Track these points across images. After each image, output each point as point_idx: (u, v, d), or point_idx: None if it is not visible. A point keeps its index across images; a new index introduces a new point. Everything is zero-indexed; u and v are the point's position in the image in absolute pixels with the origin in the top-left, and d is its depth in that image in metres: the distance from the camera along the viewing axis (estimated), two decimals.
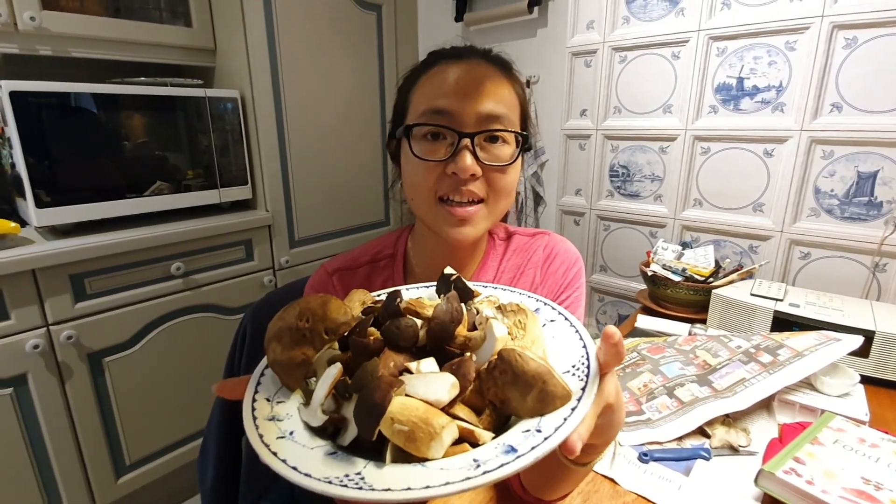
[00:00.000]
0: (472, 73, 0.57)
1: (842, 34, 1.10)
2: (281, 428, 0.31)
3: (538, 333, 0.38)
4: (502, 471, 0.27)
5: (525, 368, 0.31)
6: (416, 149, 0.56)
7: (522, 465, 0.27)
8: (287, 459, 0.28)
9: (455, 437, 0.30)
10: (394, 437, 0.29)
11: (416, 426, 0.28)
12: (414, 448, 0.28)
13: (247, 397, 0.34)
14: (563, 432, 0.29)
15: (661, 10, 1.34)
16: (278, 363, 0.35)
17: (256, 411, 0.33)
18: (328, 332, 0.36)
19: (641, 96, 1.43)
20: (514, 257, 0.68)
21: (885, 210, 1.12)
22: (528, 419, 0.31)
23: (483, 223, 0.59)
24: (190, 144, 1.41)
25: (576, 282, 0.65)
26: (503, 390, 0.32)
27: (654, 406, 0.78)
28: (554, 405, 0.31)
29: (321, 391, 0.32)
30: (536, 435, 0.29)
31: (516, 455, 0.28)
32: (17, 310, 1.08)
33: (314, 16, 1.55)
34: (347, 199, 1.77)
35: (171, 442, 1.42)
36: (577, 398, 0.32)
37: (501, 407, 0.33)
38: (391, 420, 0.29)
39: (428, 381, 0.31)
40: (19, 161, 1.11)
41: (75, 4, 1.28)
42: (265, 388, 0.35)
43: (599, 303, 1.66)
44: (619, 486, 0.64)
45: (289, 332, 0.35)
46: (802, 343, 0.83)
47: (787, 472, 0.60)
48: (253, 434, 0.31)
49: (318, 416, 0.32)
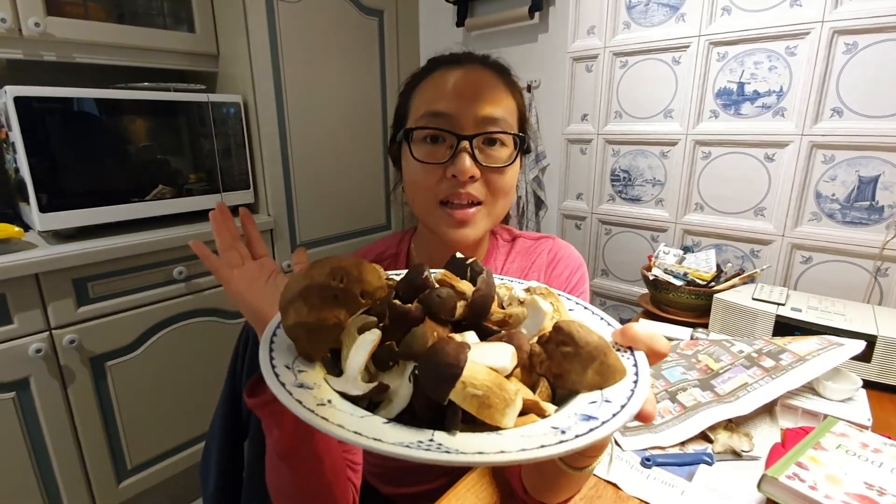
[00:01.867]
0: (470, 77, 0.58)
1: (842, 39, 1.11)
2: (317, 396, 0.27)
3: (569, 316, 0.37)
4: (591, 436, 0.25)
5: (588, 340, 0.30)
6: (416, 152, 0.57)
7: (608, 431, 0.26)
8: (344, 425, 0.25)
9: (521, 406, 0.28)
10: (465, 403, 0.26)
11: (491, 391, 0.26)
12: (487, 415, 0.26)
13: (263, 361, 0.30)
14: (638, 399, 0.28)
15: (662, 16, 1.35)
16: (304, 325, 0.31)
17: (281, 377, 0.28)
18: (364, 294, 0.32)
19: (642, 101, 1.43)
20: (517, 260, 0.69)
21: (886, 214, 1.12)
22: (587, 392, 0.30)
23: (482, 224, 0.60)
24: (192, 149, 1.41)
25: (580, 286, 0.66)
26: (560, 364, 0.30)
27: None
28: (614, 379, 0.30)
29: (359, 358, 0.29)
30: (607, 405, 0.28)
31: (600, 422, 0.26)
32: (20, 314, 1.09)
33: (316, 21, 1.55)
34: (349, 203, 1.78)
35: (173, 446, 1.42)
36: (634, 373, 0.31)
37: (556, 381, 0.31)
38: (463, 385, 0.26)
39: (486, 351, 0.29)
40: (23, 166, 1.12)
41: (79, 10, 1.29)
42: (280, 355, 0.31)
43: (601, 307, 1.66)
44: (622, 492, 0.63)
45: (318, 292, 0.31)
46: (805, 348, 0.83)
47: (791, 477, 0.59)
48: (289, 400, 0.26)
49: (359, 385, 0.28)
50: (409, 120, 0.61)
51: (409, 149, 0.58)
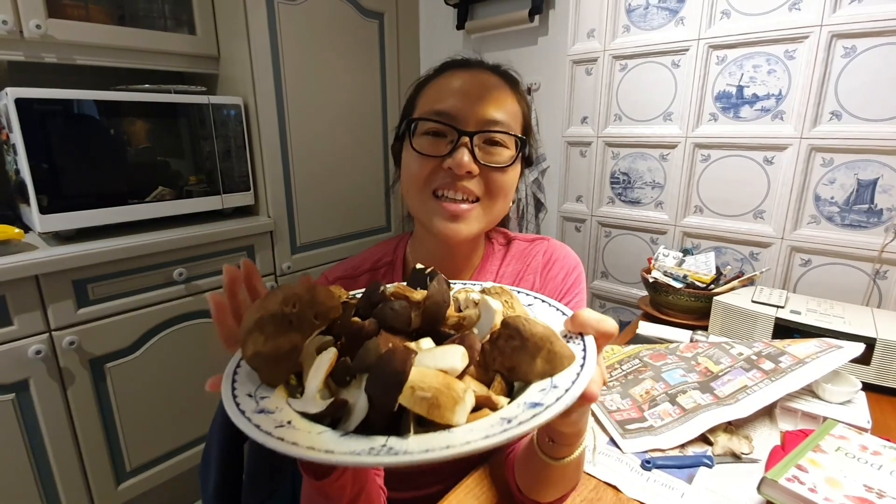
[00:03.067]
0: (478, 80, 0.59)
1: (840, 43, 1.11)
2: (276, 419, 0.29)
3: (524, 311, 0.39)
4: (535, 420, 0.27)
5: (533, 331, 0.32)
6: (416, 143, 0.58)
7: (552, 414, 0.27)
8: (298, 442, 0.26)
9: (474, 403, 0.29)
10: (416, 406, 0.27)
11: (439, 391, 0.27)
12: (438, 415, 0.27)
13: (225, 394, 0.31)
14: (582, 381, 0.30)
15: (661, 19, 1.36)
16: (261, 355, 0.32)
17: (241, 405, 0.30)
18: (318, 316, 0.33)
19: (642, 104, 1.44)
20: (513, 262, 0.69)
21: (885, 217, 1.13)
22: (538, 381, 0.31)
23: (476, 223, 0.60)
24: (192, 151, 1.42)
25: (575, 287, 0.66)
26: (510, 357, 0.32)
27: (656, 413, 0.78)
28: (562, 365, 0.32)
29: (317, 378, 0.31)
30: (555, 390, 0.30)
31: (544, 407, 0.28)
32: (20, 315, 1.09)
33: (317, 23, 1.56)
34: (349, 206, 1.78)
35: (173, 448, 1.42)
36: (581, 357, 0.33)
37: (509, 375, 0.32)
38: (411, 389, 0.27)
39: (435, 354, 0.31)
40: (24, 167, 1.12)
41: (80, 12, 1.30)
42: (243, 385, 0.32)
43: (601, 309, 1.66)
44: (622, 494, 0.64)
45: (272, 321, 0.32)
46: (804, 350, 0.83)
47: (790, 479, 0.60)
48: (247, 426, 0.28)
49: (317, 403, 0.29)
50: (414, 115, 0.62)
51: (409, 140, 0.58)
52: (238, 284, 0.37)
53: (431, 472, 0.71)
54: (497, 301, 0.36)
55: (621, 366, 0.93)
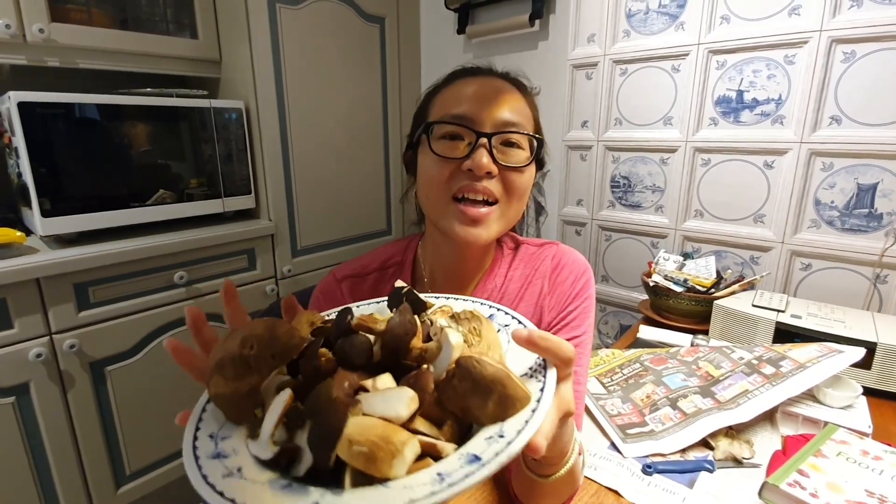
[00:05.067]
0: (491, 85, 0.60)
1: (840, 48, 1.12)
2: (227, 466, 0.29)
3: (493, 338, 0.38)
4: (467, 482, 0.26)
5: (483, 374, 0.30)
6: (434, 146, 0.58)
7: (487, 473, 0.26)
8: (236, 498, 0.26)
9: (417, 452, 0.28)
10: (352, 461, 0.27)
11: (376, 445, 0.27)
12: (375, 469, 0.27)
13: (186, 437, 0.32)
14: (525, 435, 0.29)
15: (662, 24, 1.36)
16: (222, 397, 0.33)
17: (199, 450, 0.30)
18: (276, 356, 0.33)
19: (642, 108, 1.44)
20: (521, 267, 0.69)
21: (885, 222, 1.13)
22: (490, 426, 0.30)
23: (495, 226, 0.60)
24: (194, 154, 1.42)
25: (584, 292, 0.65)
26: (463, 398, 0.31)
27: (657, 418, 0.78)
28: (515, 409, 0.31)
29: (270, 421, 0.30)
30: (500, 441, 0.29)
31: (480, 464, 0.27)
32: (21, 318, 1.09)
33: (318, 28, 1.57)
34: (350, 209, 1.78)
35: (173, 452, 1.42)
36: (536, 399, 0.31)
37: (463, 416, 0.32)
38: (349, 443, 0.27)
39: (386, 398, 0.30)
40: (26, 170, 1.12)
41: (83, 17, 1.30)
42: (207, 425, 0.33)
43: (601, 313, 1.66)
44: (623, 499, 0.64)
45: (231, 362, 0.32)
46: (805, 355, 0.83)
47: (792, 484, 0.60)
48: (195, 475, 0.28)
49: (269, 449, 0.29)
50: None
51: (427, 143, 0.59)
52: (201, 322, 0.39)
53: None
54: (457, 333, 0.35)
55: (622, 370, 0.93)
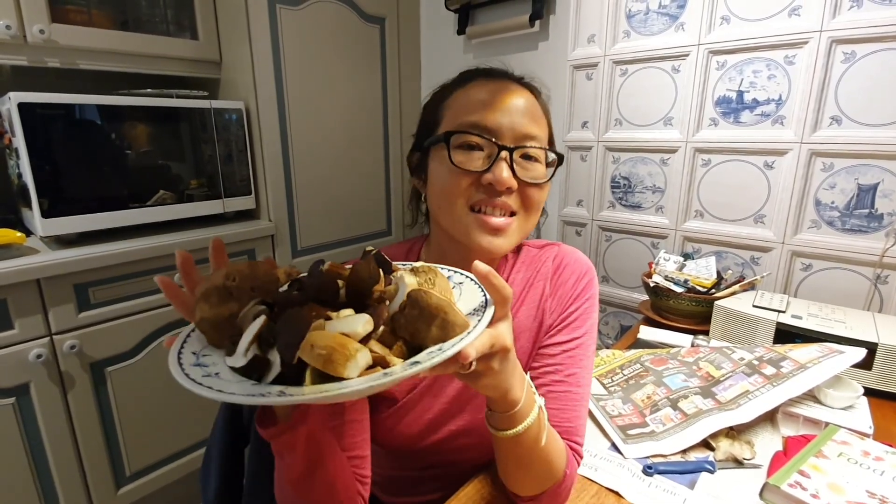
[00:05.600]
0: (510, 93, 0.59)
1: (840, 49, 1.12)
2: (206, 371, 0.34)
3: (446, 286, 0.42)
4: (405, 373, 0.31)
5: (429, 301, 0.36)
6: (453, 156, 0.57)
7: (422, 367, 0.31)
8: (212, 387, 0.30)
9: (369, 361, 0.33)
10: (313, 361, 0.31)
11: (334, 349, 0.31)
12: (332, 369, 0.31)
13: (172, 352, 0.36)
14: (458, 346, 0.34)
15: (662, 25, 1.36)
16: (206, 320, 0.37)
17: (182, 360, 0.35)
18: (255, 289, 0.38)
19: (642, 109, 1.44)
20: (523, 269, 0.68)
21: (885, 222, 1.13)
22: (432, 346, 0.36)
23: (514, 236, 0.60)
24: (194, 154, 1.42)
25: (586, 292, 0.65)
26: (412, 324, 0.36)
27: (657, 418, 0.78)
28: (454, 332, 0.36)
29: (246, 337, 0.34)
30: (438, 352, 0.34)
31: (420, 364, 0.32)
32: (21, 319, 1.09)
33: (318, 28, 1.57)
34: (350, 209, 1.78)
35: (173, 452, 1.42)
36: (473, 326, 0.36)
37: (411, 340, 0.37)
38: (311, 346, 0.31)
39: (345, 321, 0.35)
40: (26, 171, 1.12)
41: (84, 17, 1.31)
42: (191, 345, 0.37)
43: (601, 313, 1.66)
44: (624, 500, 0.63)
45: (216, 292, 0.37)
46: (805, 355, 0.83)
47: (793, 485, 0.59)
48: (178, 372, 0.32)
49: (243, 358, 0.34)
50: (441, 127, 0.60)
51: (447, 152, 0.57)
52: (190, 265, 0.42)
53: (432, 479, 0.71)
54: (412, 277, 0.41)
55: (622, 370, 0.93)
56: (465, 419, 0.65)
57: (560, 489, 0.56)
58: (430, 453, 0.67)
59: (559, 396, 0.60)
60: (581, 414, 0.61)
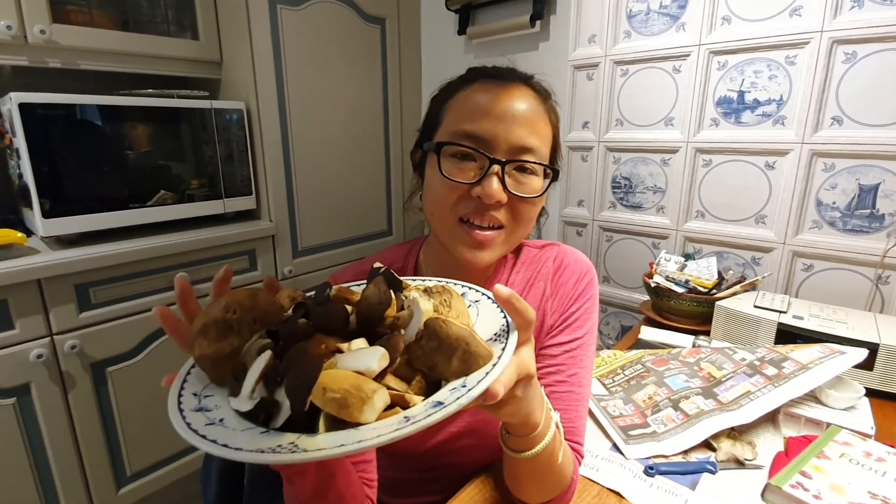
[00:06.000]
0: (512, 99, 0.56)
1: (841, 49, 1.12)
2: (209, 417, 0.31)
3: (463, 309, 0.40)
4: (429, 420, 0.28)
5: (448, 332, 0.33)
6: (444, 166, 0.56)
7: (447, 412, 0.28)
8: (217, 440, 0.28)
9: (387, 402, 0.30)
10: (326, 406, 0.29)
11: (348, 392, 0.29)
12: (347, 414, 0.29)
13: (171, 394, 0.33)
14: (484, 383, 0.31)
15: (662, 25, 1.36)
16: (205, 357, 0.34)
17: (183, 405, 0.32)
18: (257, 321, 0.36)
19: (643, 109, 1.44)
20: (523, 270, 0.68)
21: (887, 223, 1.13)
22: (454, 380, 0.33)
23: (499, 249, 0.59)
24: (195, 155, 1.42)
25: (587, 293, 0.65)
26: (430, 357, 0.34)
27: (659, 419, 0.78)
28: (477, 364, 0.33)
29: (251, 378, 0.32)
30: (462, 389, 0.31)
31: (443, 406, 0.29)
32: (22, 319, 1.09)
33: (319, 29, 1.57)
34: (351, 210, 1.78)
35: (173, 452, 1.42)
36: (497, 356, 0.34)
37: (430, 373, 0.34)
38: (323, 390, 0.29)
39: (358, 356, 0.32)
40: (27, 171, 1.12)
41: (85, 18, 1.31)
42: (192, 385, 0.35)
43: (602, 314, 1.66)
44: (625, 500, 0.63)
45: (215, 326, 0.35)
46: (807, 356, 0.83)
47: (794, 486, 0.59)
48: (179, 422, 0.30)
49: (249, 401, 0.31)
50: (441, 130, 0.59)
51: (437, 161, 0.56)
52: (188, 294, 0.40)
53: (433, 481, 0.71)
54: (427, 301, 0.38)
55: (623, 371, 0.93)
56: (465, 420, 0.65)
57: (566, 495, 0.56)
58: (432, 455, 0.67)
59: (562, 397, 0.60)
60: (582, 414, 0.62)
